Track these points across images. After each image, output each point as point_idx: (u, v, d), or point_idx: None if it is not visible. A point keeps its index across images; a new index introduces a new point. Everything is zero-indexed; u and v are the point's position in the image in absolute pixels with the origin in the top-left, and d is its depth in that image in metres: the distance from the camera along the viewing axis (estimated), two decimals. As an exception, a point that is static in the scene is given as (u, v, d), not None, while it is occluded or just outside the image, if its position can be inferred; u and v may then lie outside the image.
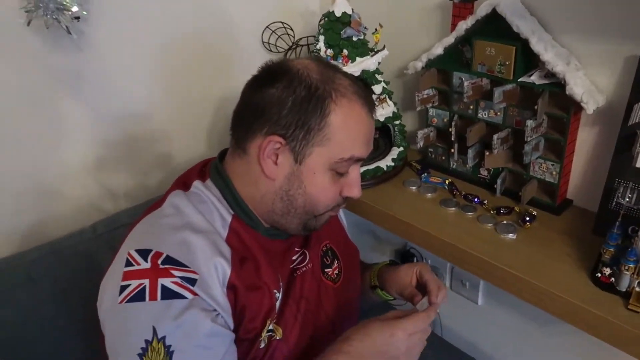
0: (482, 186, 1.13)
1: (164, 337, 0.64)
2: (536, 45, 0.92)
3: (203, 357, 0.66)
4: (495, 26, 0.97)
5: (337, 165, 0.76)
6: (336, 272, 0.93)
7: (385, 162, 1.18)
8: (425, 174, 1.19)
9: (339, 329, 0.87)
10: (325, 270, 0.91)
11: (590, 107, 0.89)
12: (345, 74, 0.78)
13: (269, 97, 0.73)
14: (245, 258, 0.75)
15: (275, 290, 0.77)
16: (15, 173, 1.00)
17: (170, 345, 0.64)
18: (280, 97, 0.73)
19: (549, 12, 0.96)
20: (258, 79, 0.77)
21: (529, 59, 0.97)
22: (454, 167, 1.18)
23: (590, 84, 0.93)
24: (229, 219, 0.77)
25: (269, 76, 0.76)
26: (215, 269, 0.70)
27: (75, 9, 0.90)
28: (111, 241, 1.00)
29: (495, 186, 1.08)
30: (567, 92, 0.90)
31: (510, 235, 0.98)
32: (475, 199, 1.08)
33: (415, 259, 1.44)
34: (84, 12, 0.93)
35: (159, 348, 0.64)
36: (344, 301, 0.93)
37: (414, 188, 1.16)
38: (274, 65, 0.77)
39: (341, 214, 1.05)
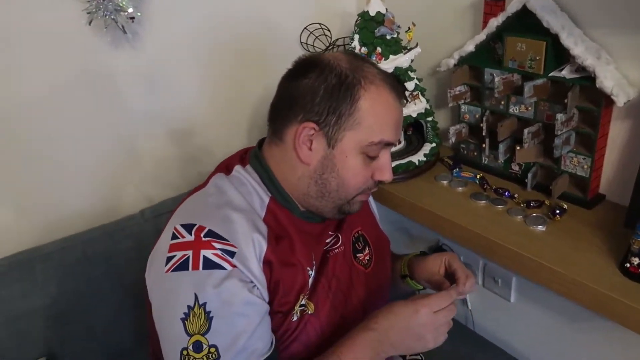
0: (513, 181, 1.15)
1: (204, 304, 0.70)
2: (566, 40, 0.94)
3: (239, 323, 0.72)
4: (525, 22, 0.99)
5: (367, 149, 0.80)
6: (367, 257, 0.97)
7: (417, 157, 1.22)
8: (457, 169, 1.21)
9: (363, 313, 0.92)
10: (357, 255, 0.96)
11: (620, 100, 0.90)
12: (373, 64, 0.84)
13: (302, 87, 0.79)
14: (281, 236, 0.80)
15: (308, 268, 0.82)
16: (84, 161, 1.11)
17: (210, 311, 0.70)
18: (313, 86, 0.78)
19: (579, 7, 0.97)
20: (292, 72, 0.84)
21: (559, 54, 0.98)
22: (485, 162, 1.20)
23: (621, 77, 0.93)
24: (266, 200, 0.83)
25: (302, 68, 0.82)
26: (252, 244, 0.75)
27: (130, 10, 0.99)
28: (157, 225, 1.08)
29: (526, 181, 1.09)
30: (597, 86, 0.92)
31: (540, 227, 0.99)
32: (506, 193, 1.10)
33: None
34: (139, 14, 1.02)
35: (200, 313, 0.70)
36: (374, 286, 0.97)
37: (445, 182, 1.18)
38: (307, 58, 0.83)
39: (373, 205, 1.09)
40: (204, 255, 0.72)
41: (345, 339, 0.78)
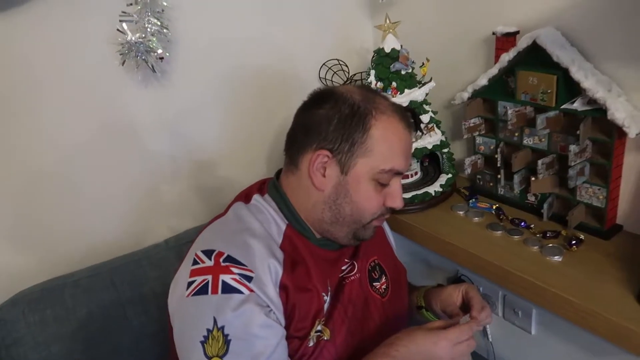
0: (529, 211, 1.16)
1: (223, 327, 0.73)
2: (576, 74, 0.96)
3: (257, 345, 0.74)
4: (536, 57, 1.02)
5: (379, 176, 0.84)
6: (384, 286, 0.99)
7: (434, 188, 1.24)
8: (473, 200, 1.23)
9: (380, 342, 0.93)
10: (374, 284, 0.97)
11: (632, 131, 0.92)
12: (384, 96, 0.88)
13: (317, 117, 0.84)
14: (297, 262, 0.83)
15: (323, 294, 0.85)
16: (112, 194, 1.17)
17: (227, 334, 0.73)
18: (327, 116, 0.83)
19: (589, 41, 1.00)
20: (308, 103, 0.89)
21: (571, 87, 1.01)
22: (501, 193, 1.22)
23: (632, 109, 0.95)
24: (283, 227, 0.86)
25: (318, 99, 0.87)
26: (269, 269, 0.79)
27: (160, 50, 1.06)
28: (180, 253, 1.11)
29: (542, 211, 1.10)
30: (608, 118, 0.93)
31: (556, 258, 1.00)
32: (522, 223, 1.11)
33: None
34: (167, 54, 1.09)
35: (218, 336, 0.73)
36: (392, 315, 0.98)
37: (461, 213, 1.20)
38: (322, 91, 0.89)
39: (390, 235, 1.11)
40: (222, 280, 0.76)
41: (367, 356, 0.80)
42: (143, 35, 1.05)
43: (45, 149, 1.07)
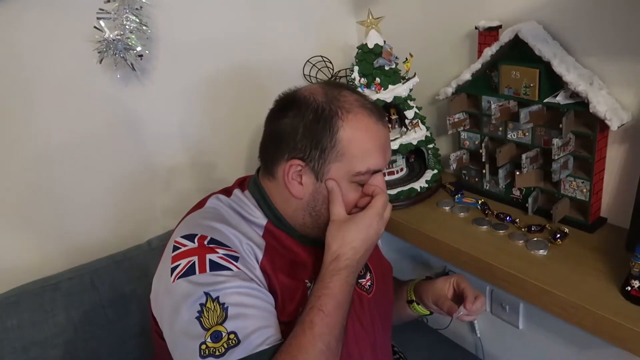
0: (515, 206, 1.16)
1: (217, 297, 0.71)
2: (558, 67, 0.96)
3: (253, 311, 0.72)
4: (518, 51, 1.02)
5: (356, 179, 0.82)
6: (369, 283, 0.98)
7: (419, 184, 1.23)
8: (459, 195, 1.22)
9: (372, 338, 0.92)
10: (359, 280, 0.96)
11: (614, 124, 0.92)
12: (351, 90, 0.85)
13: (283, 126, 0.82)
14: (279, 252, 0.83)
15: (307, 280, 0.84)
16: (94, 195, 1.15)
17: (224, 303, 0.71)
18: (293, 124, 0.80)
19: (571, 35, 1.00)
20: (274, 111, 0.86)
21: (553, 81, 1.00)
22: (487, 188, 1.22)
23: (614, 102, 0.95)
24: (264, 223, 0.85)
25: (282, 107, 0.84)
26: (250, 251, 0.78)
27: (139, 48, 1.04)
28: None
29: (527, 205, 1.10)
30: (590, 111, 0.93)
31: (541, 251, 0.99)
32: (507, 218, 1.11)
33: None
34: (147, 51, 1.07)
35: (214, 306, 0.70)
36: (376, 311, 0.97)
37: (447, 208, 1.19)
38: (285, 97, 0.86)
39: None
40: (210, 259, 0.74)
41: (320, 291, 0.77)
42: (121, 33, 1.03)
43: (23, 149, 1.04)
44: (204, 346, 0.69)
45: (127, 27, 1.02)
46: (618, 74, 0.96)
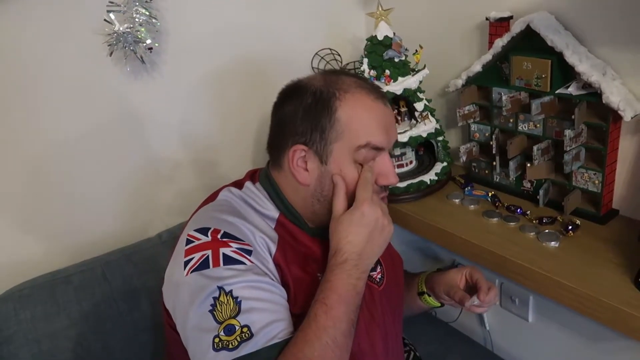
0: (525, 198, 1.15)
1: (231, 291, 0.71)
2: (570, 58, 0.95)
3: (266, 305, 0.73)
4: (530, 41, 1.01)
5: (358, 155, 0.81)
6: (380, 276, 0.98)
7: (429, 177, 1.23)
8: (469, 187, 1.22)
9: (383, 330, 0.92)
10: (370, 273, 0.96)
11: (627, 114, 0.91)
12: (350, 74, 0.87)
13: (286, 114, 0.83)
14: (291, 245, 0.83)
15: (319, 274, 0.83)
16: (105, 189, 1.15)
17: (237, 297, 0.71)
18: (294, 110, 0.82)
19: (583, 25, 0.99)
20: (277, 102, 0.88)
21: (565, 72, 1.00)
22: (497, 180, 1.21)
23: (627, 92, 0.94)
24: (276, 216, 0.85)
25: (284, 97, 0.86)
26: (263, 245, 0.78)
27: (149, 41, 1.04)
28: (174, 247, 1.10)
29: (538, 197, 1.09)
30: (603, 101, 0.93)
31: (553, 243, 0.99)
32: (518, 210, 1.10)
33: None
34: (156, 44, 1.07)
35: (227, 300, 0.71)
36: (387, 304, 0.97)
37: (457, 201, 1.19)
38: (287, 87, 0.88)
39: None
40: (223, 253, 0.74)
41: (322, 285, 0.77)
42: (131, 26, 1.03)
43: (32, 143, 1.04)
44: (217, 339, 0.69)
45: (137, 20, 1.02)
46: (632, 64, 0.95)
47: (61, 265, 1.05)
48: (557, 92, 1.01)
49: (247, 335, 0.69)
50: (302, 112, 0.81)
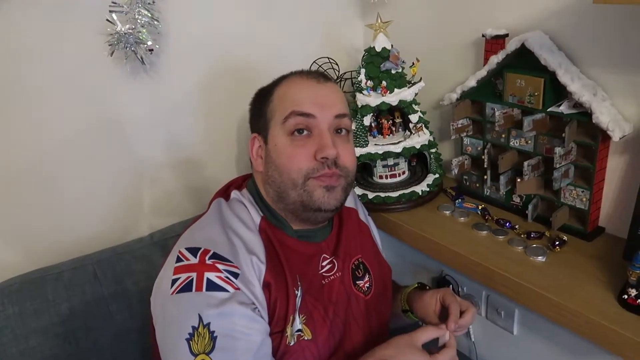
0: (514, 212, 1.17)
1: (208, 324, 0.73)
2: (563, 77, 0.98)
3: (243, 342, 0.74)
4: (524, 60, 1.04)
5: (287, 127, 0.85)
6: (367, 285, 0.99)
7: (421, 187, 1.25)
8: (459, 200, 1.24)
9: (369, 339, 0.93)
10: (357, 282, 0.97)
11: (616, 135, 0.93)
12: (302, 71, 0.94)
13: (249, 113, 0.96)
14: (273, 256, 0.84)
15: (294, 288, 0.84)
16: (97, 187, 1.15)
17: (214, 331, 0.73)
18: (251, 107, 0.97)
19: (576, 46, 1.02)
20: None
21: (557, 90, 1.02)
22: (487, 194, 1.23)
23: (617, 113, 0.97)
24: (258, 220, 0.87)
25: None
26: (252, 267, 0.79)
27: (150, 42, 1.05)
28: (165, 248, 1.11)
29: (527, 212, 1.11)
30: (593, 121, 0.95)
31: (540, 258, 1.01)
32: (507, 224, 1.12)
33: (450, 285, 1.46)
34: (157, 46, 1.08)
35: (204, 333, 0.72)
36: (374, 313, 0.98)
37: (447, 212, 1.21)
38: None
39: (375, 233, 1.10)
40: (207, 278, 0.75)
41: None
42: (133, 27, 1.03)
43: (29, 142, 1.04)
44: None
45: (138, 21, 1.03)
46: (621, 85, 0.97)
47: (47, 264, 1.04)
48: (548, 110, 1.03)
49: None
50: (251, 105, 0.95)
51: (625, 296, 0.86)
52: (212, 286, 0.75)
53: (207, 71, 1.24)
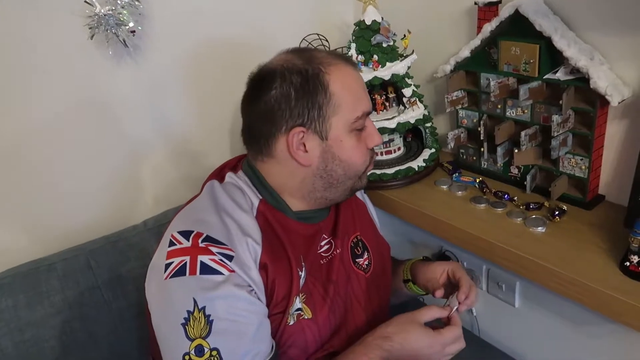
0: (513, 184, 1.15)
1: (204, 307, 0.71)
2: (559, 42, 0.95)
3: (240, 325, 0.72)
4: (519, 26, 1.01)
5: (355, 125, 0.84)
6: (366, 262, 0.98)
7: (417, 163, 1.23)
8: (457, 174, 1.22)
9: (371, 317, 0.92)
10: (357, 260, 0.96)
11: (615, 99, 0.91)
12: (318, 50, 0.90)
13: (272, 100, 0.80)
14: (272, 237, 0.82)
15: (298, 269, 0.83)
16: (89, 176, 1.13)
17: (209, 315, 0.71)
18: (282, 94, 0.80)
19: (572, 10, 0.99)
20: (252, 94, 0.85)
21: (553, 57, 0.99)
22: (485, 166, 1.21)
23: (615, 78, 0.94)
24: (256, 202, 0.84)
25: (260, 84, 0.83)
26: (248, 249, 0.77)
27: (131, 24, 1.02)
28: (159, 234, 1.07)
29: (525, 183, 1.10)
30: (591, 86, 0.92)
31: (539, 229, 0.99)
32: (506, 196, 1.11)
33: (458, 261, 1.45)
34: (139, 27, 1.04)
35: (199, 317, 0.71)
36: (374, 290, 0.97)
37: (445, 187, 1.19)
38: (257, 75, 0.85)
39: (372, 211, 1.09)
40: (201, 261, 0.73)
41: (358, 352, 0.80)
42: (113, 8, 1.00)
43: (10, 129, 1.01)
44: (187, 357, 0.71)
45: (118, 2, 1.00)
46: (619, 49, 0.95)
47: (44, 254, 1.03)
48: (545, 77, 1.01)
49: (216, 359, 0.71)
50: (294, 93, 0.79)
51: (628, 263, 0.85)
52: (206, 269, 0.73)
53: (194, 53, 1.21)
